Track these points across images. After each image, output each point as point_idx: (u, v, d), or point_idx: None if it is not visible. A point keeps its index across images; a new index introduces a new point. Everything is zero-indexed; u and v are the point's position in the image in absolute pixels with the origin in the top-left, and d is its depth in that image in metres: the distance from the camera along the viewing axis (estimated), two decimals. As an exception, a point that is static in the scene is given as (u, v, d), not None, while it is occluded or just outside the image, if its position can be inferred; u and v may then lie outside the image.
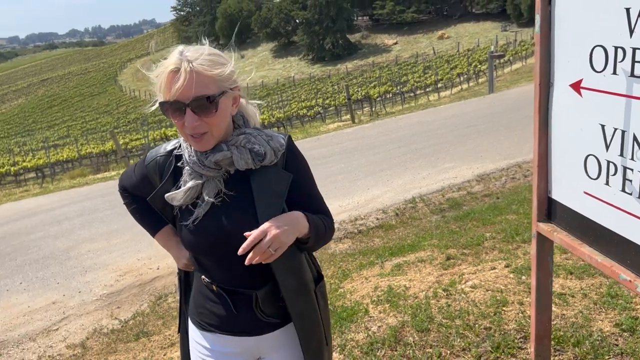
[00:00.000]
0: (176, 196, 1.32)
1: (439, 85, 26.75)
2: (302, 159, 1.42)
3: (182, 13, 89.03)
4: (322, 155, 9.86)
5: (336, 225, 5.69)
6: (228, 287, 1.37)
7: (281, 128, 21.16)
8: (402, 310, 2.96)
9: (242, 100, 1.37)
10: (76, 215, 7.71)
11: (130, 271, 5.22)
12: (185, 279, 1.55)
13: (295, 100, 33.39)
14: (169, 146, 1.42)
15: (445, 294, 3.04)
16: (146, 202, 1.49)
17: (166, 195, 1.34)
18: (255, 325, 1.39)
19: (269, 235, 1.17)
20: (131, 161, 16.25)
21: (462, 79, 27.48)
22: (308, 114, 23.58)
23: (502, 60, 27.35)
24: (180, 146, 1.38)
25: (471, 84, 26.37)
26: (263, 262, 1.20)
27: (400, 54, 57.17)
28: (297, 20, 66.10)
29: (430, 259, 3.78)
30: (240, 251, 1.16)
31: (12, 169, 18.50)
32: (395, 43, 61.64)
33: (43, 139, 43.77)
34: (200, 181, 1.31)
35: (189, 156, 1.32)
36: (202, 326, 1.45)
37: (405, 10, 61.17)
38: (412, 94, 26.07)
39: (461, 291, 3.02)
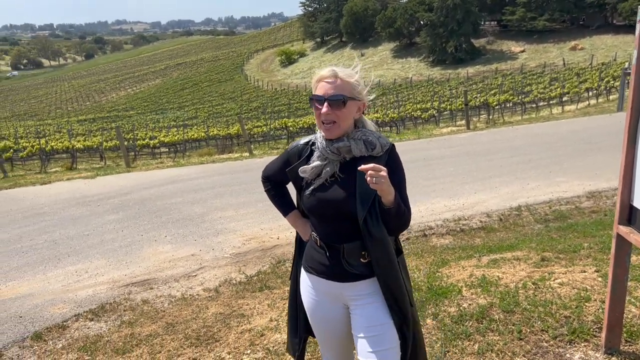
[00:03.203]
0: (306, 169, 1.92)
1: (565, 98, 25.54)
2: (400, 162, 1.93)
3: (309, 9, 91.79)
4: (432, 157, 10.20)
5: (439, 223, 6.16)
6: (326, 241, 1.94)
7: (393, 128, 21.55)
8: (492, 294, 3.37)
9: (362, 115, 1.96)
10: (209, 187, 8.80)
11: (254, 238, 6.04)
12: (300, 241, 2.15)
13: (411, 102, 33.51)
14: (306, 139, 2.04)
15: (533, 287, 3.40)
16: (281, 190, 2.18)
17: (300, 168, 1.94)
18: (341, 273, 1.92)
19: (382, 172, 1.69)
20: (252, 146, 17.54)
21: (590, 94, 26.01)
22: (422, 116, 23.70)
23: (639, 77, 25.44)
24: (314, 139, 1.98)
25: (600, 100, 24.89)
26: (368, 181, 1.68)
27: (527, 63, 54.76)
28: (422, 22, 65.56)
29: (525, 258, 4.11)
30: (360, 168, 1.69)
31: (151, 142, 20.71)
32: (523, 51, 59.08)
33: (174, 118, 47.83)
34: (324, 162, 1.90)
35: (320, 143, 1.93)
36: (307, 270, 2.05)
37: (537, 17, 58.29)
38: (534, 105, 25.18)
39: (549, 286, 3.36)
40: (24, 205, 8.38)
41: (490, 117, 21.97)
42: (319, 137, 1.96)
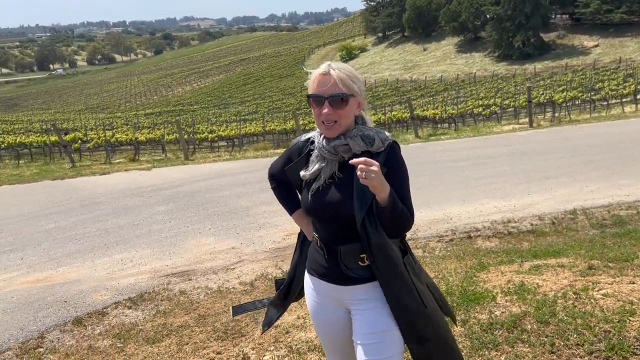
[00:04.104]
0: (306, 173, 1.86)
1: (639, 96, 24.00)
2: (401, 160, 1.82)
3: (372, 3, 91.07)
4: (487, 155, 9.84)
5: (487, 224, 5.93)
6: (326, 242, 1.87)
7: (452, 125, 20.99)
8: (527, 302, 3.18)
9: (362, 111, 1.87)
10: (256, 181, 8.89)
11: (294, 233, 5.99)
12: (304, 238, 2.10)
13: (473, 98, 32.60)
14: (307, 135, 1.98)
15: (574, 297, 3.18)
16: (287, 187, 2.11)
17: (301, 172, 1.88)
18: (340, 276, 1.85)
19: (373, 166, 1.60)
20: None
21: (669, 91, 24.26)
22: (483, 112, 22.98)
23: None
24: (314, 136, 1.91)
25: (680, 97, 23.18)
26: (358, 175, 1.61)
27: (600, 58, 51.91)
28: (488, 16, 63.58)
29: (571, 265, 3.86)
30: (351, 161, 1.63)
31: (209, 135, 21.24)
32: (596, 45, 56.03)
33: (235, 112, 48.87)
34: (323, 164, 1.83)
35: (317, 143, 1.85)
36: (309, 271, 2.00)
37: (614, 10, 55.00)
38: (604, 103, 23.83)
39: (591, 297, 3.13)
40: (83, 195, 8.79)
41: (556, 115, 20.99)
42: (316, 135, 1.89)
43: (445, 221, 6.18)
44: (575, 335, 2.72)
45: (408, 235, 5.88)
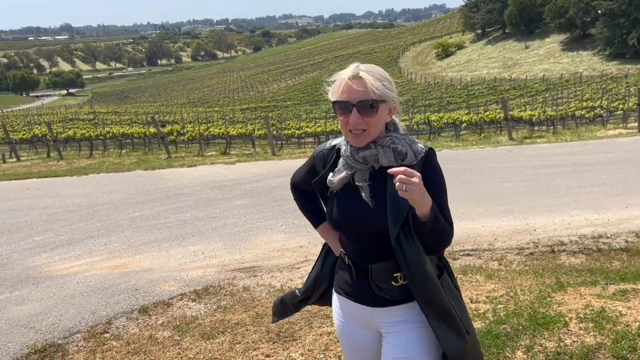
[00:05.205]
0: (333, 181, 1.70)
1: None
2: (438, 170, 1.63)
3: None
4: (583, 162, 9.09)
5: (574, 238, 5.46)
6: (354, 259, 1.71)
7: (550, 127, 19.70)
8: (605, 333, 2.84)
9: (394, 117, 1.69)
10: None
11: (364, 236, 5.88)
12: (328, 251, 1.95)
13: (577, 99, 30.44)
14: (333, 142, 1.81)
15: (662, 331, 2.79)
16: (310, 198, 1.98)
17: (327, 179, 1.72)
18: (371, 297, 1.69)
19: (414, 178, 1.43)
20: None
21: None
22: (587, 115, 21.35)
23: None
24: (339, 143, 1.75)
25: None
26: (396, 187, 1.44)
27: None
28: (599, 11, 59.13)
29: (664, 293, 3.41)
30: (389, 170, 1.47)
31: (296, 132, 21.56)
32: None
33: (326, 109, 49.24)
34: (350, 172, 1.66)
35: (344, 151, 1.68)
36: (337, 290, 1.85)
37: None
38: None
39: (683, 333, 2.73)
40: (169, 185, 9.20)
41: (671, 119, 19.01)
42: (343, 142, 1.74)
43: (528, 232, 5.76)
44: (656, 378, 2.37)
45: (485, 245, 5.50)
